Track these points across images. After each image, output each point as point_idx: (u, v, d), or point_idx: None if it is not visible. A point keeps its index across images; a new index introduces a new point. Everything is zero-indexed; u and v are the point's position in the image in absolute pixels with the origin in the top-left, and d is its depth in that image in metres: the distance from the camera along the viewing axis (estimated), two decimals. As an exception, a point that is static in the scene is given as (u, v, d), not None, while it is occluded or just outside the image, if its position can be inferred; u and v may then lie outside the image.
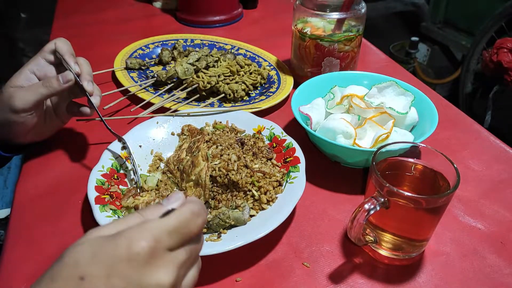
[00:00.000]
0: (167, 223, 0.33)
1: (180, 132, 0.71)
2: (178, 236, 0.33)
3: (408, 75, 0.98)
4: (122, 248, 0.30)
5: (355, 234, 0.49)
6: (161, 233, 0.32)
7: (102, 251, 0.30)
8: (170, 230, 0.32)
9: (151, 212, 0.35)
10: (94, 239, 0.31)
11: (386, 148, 0.54)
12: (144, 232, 0.31)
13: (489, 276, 0.53)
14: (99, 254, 0.30)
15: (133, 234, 0.31)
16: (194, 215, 0.34)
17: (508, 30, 1.93)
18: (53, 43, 0.64)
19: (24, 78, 0.62)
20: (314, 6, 0.82)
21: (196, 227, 0.34)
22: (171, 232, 0.32)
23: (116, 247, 0.30)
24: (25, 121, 0.61)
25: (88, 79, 0.63)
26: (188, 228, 0.34)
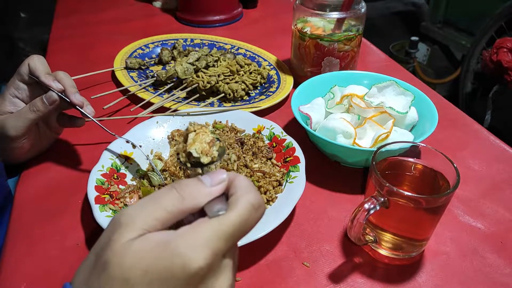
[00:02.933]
0: (226, 230, 0.29)
1: (170, 137, 0.70)
2: (236, 239, 0.30)
3: (408, 75, 0.98)
4: (177, 268, 0.27)
5: (355, 233, 0.49)
6: (219, 244, 0.29)
7: (155, 269, 0.27)
8: (227, 236, 0.29)
9: (191, 194, 0.31)
10: (140, 249, 0.28)
11: (386, 147, 0.54)
12: (200, 247, 0.28)
13: (489, 276, 0.53)
14: (152, 273, 0.27)
15: (188, 251, 0.28)
16: (254, 209, 0.31)
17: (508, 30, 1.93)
18: (27, 65, 0.61)
19: (9, 103, 0.62)
20: (314, 5, 0.82)
21: (255, 222, 0.31)
22: (228, 238, 0.29)
23: (171, 265, 0.27)
24: (22, 145, 0.62)
25: (73, 92, 0.61)
26: (247, 227, 0.31)
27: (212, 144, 0.35)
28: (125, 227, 0.29)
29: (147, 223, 0.29)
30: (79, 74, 0.82)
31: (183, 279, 0.27)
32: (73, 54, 1.02)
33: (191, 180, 0.32)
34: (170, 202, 0.30)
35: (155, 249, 0.28)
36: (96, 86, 0.88)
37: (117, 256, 0.28)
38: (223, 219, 0.30)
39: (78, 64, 0.97)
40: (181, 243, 0.28)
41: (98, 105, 0.73)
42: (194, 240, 0.28)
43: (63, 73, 0.63)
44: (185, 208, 0.30)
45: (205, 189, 0.31)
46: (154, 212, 0.30)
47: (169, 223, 0.30)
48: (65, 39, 1.09)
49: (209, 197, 0.31)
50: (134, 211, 0.30)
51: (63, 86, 0.61)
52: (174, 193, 0.31)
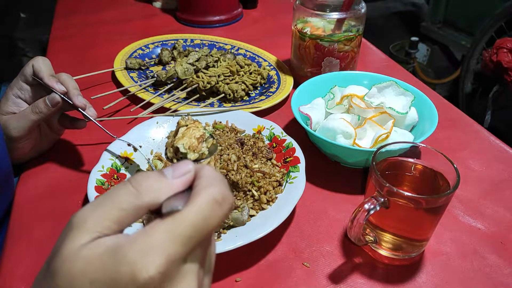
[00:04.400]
0: (181, 232, 0.25)
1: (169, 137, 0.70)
2: (196, 240, 0.26)
3: (408, 75, 0.98)
4: (124, 278, 0.24)
5: (355, 234, 0.49)
6: (174, 248, 0.25)
7: (102, 279, 0.24)
8: (185, 238, 0.25)
9: (148, 188, 0.27)
10: (89, 256, 0.25)
11: (386, 148, 0.54)
12: (150, 253, 0.24)
13: (489, 276, 0.53)
14: (98, 282, 0.25)
15: (137, 258, 0.24)
16: (217, 204, 0.27)
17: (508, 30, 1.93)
18: (31, 66, 0.61)
19: (12, 104, 0.62)
20: (314, 6, 0.82)
21: (219, 220, 0.27)
22: (186, 241, 0.25)
23: (118, 276, 0.24)
24: (24, 146, 0.63)
25: (76, 94, 0.61)
26: (209, 226, 0.26)
27: (202, 140, 0.33)
28: (76, 230, 0.26)
29: (100, 224, 0.26)
30: (79, 74, 0.82)
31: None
32: (73, 54, 1.02)
33: (150, 173, 0.28)
34: (124, 199, 0.27)
35: (103, 257, 0.25)
36: (96, 87, 0.88)
37: (65, 263, 0.25)
38: (178, 218, 0.26)
39: (78, 64, 0.97)
40: (130, 250, 0.25)
41: (98, 105, 0.73)
42: (145, 246, 0.25)
43: (66, 75, 0.63)
44: (142, 204, 0.27)
45: (165, 182, 0.28)
46: (107, 212, 0.26)
47: (126, 222, 0.27)
48: (65, 39, 1.09)
49: (170, 191, 0.27)
50: (86, 212, 0.27)
51: (66, 88, 0.61)
52: (129, 188, 0.27)
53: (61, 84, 0.61)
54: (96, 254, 0.25)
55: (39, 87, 0.62)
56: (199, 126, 0.33)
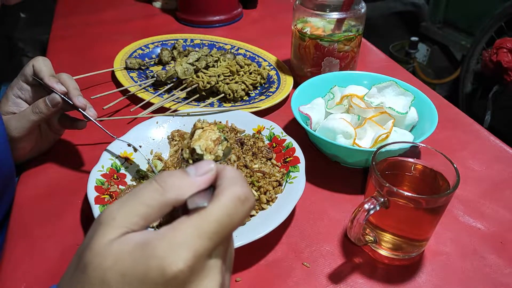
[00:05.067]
0: (207, 227, 0.26)
1: (170, 137, 0.70)
2: (221, 236, 0.27)
3: (408, 75, 0.98)
4: (154, 272, 0.25)
5: (355, 234, 0.49)
6: (201, 243, 0.26)
7: (132, 273, 0.26)
8: (211, 234, 0.27)
9: (172, 185, 0.28)
10: (120, 251, 0.26)
11: (386, 148, 0.54)
12: (179, 248, 0.26)
13: (489, 276, 0.53)
14: (129, 276, 0.26)
15: (166, 253, 0.25)
16: (240, 202, 0.28)
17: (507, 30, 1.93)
18: (31, 66, 0.61)
19: (12, 104, 0.62)
20: (314, 6, 0.82)
21: (242, 217, 0.28)
22: (212, 236, 0.27)
23: (148, 269, 0.25)
24: (24, 146, 0.63)
25: (76, 94, 0.61)
26: (232, 223, 0.27)
27: (218, 143, 0.34)
28: (106, 226, 0.27)
29: (128, 220, 0.27)
30: (79, 74, 0.82)
31: (161, 284, 0.25)
32: (73, 54, 1.02)
33: (174, 171, 0.29)
34: (150, 195, 0.28)
35: (133, 251, 0.26)
36: (96, 86, 0.88)
37: (97, 257, 0.27)
38: (204, 215, 0.27)
39: (78, 64, 0.97)
40: (159, 244, 0.26)
41: (98, 105, 0.73)
42: (173, 240, 0.26)
43: (67, 75, 0.63)
44: (166, 200, 0.28)
45: (189, 179, 0.29)
46: (134, 208, 0.28)
47: (152, 218, 0.28)
48: (65, 39, 1.09)
49: (193, 188, 0.29)
50: (114, 209, 0.28)
51: (67, 88, 0.61)
52: (154, 186, 0.28)
53: (61, 84, 0.61)
54: (126, 248, 0.26)
55: (39, 87, 0.62)
56: (215, 129, 0.34)
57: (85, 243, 0.28)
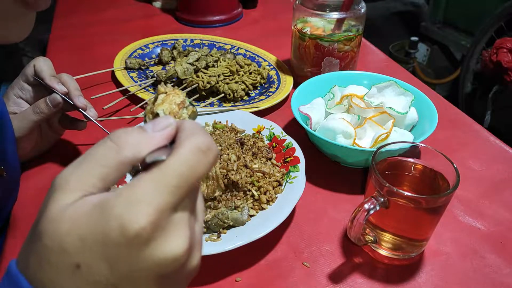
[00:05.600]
0: (168, 181, 0.25)
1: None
2: (184, 189, 0.25)
3: (408, 75, 0.98)
4: (115, 232, 0.24)
5: (355, 234, 0.49)
6: (162, 198, 0.24)
7: (91, 236, 0.24)
8: (172, 188, 0.25)
9: (128, 142, 0.26)
10: (76, 214, 0.24)
11: (386, 148, 0.54)
12: (139, 205, 0.24)
13: (488, 276, 0.53)
14: (89, 240, 0.24)
15: (125, 212, 0.24)
16: (201, 153, 0.26)
17: (507, 30, 1.92)
18: (32, 66, 0.62)
19: (13, 104, 0.62)
20: (313, 6, 0.82)
21: (206, 169, 0.26)
22: (174, 190, 0.25)
23: (107, 230, 0.24)
24: (24, 146, 0.63)
25: (77, 95, 0.61)
26: (195, 175, 0.26)
27: (183, 106, 0.32)
28: (59, 191, 0.26)
29: (84, 182, 0.25)
30: (79, 74, 0.82)
31: (124, 244, 0.24)
32: (73, 54, 1.02)
33: (130, 128, 0.27)
34: (105, 154, 0.26)
35: (91, 213, 0.24)
36: (96, 86, 0.88)
37: (52, 224, 0.25)
38: (164, 168, 0.25)
39: (78, 64, 0.97)
40: (117, 203, 0.24)
41: (98, 105, 0.73)
42: (132, 197, 0.24)
43: (68, 76, 0.63)
44: (123, 158, 0.26)
45: (146, 135, 0.27)
46: (88, 170, 0.26)
47: (110, 179, 0.26)
48: (65, 39, 1.09)
49: (151, 145, 0.27)
50: (68, 172, 0.26)
51: (67, 89, 0.61)
52: (108, 144, 0.26)
53: (62, 84, 0.61)
54: (82, 211, 0.25)
55: (40, 87, 0.63)
56: (179, 93, 0.32)
57: (40, 212, 0.26)
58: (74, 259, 0.24)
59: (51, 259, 0.24)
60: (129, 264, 0.24)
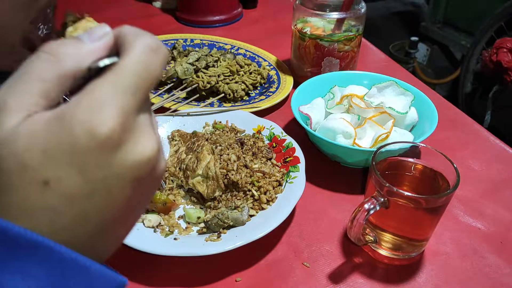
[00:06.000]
0: (127, 82, 0.23)
1: (170, 137, 0.70)
2: (142, 90, 0.24)
3: (408, 75, 0.98)
4: (83, 138, 0.22)
5: (355, 234, 0.49)
6: (126, 99, 0.23)
7: (56, 147, 0.22)
8: (133, 88, 0.24)
9: (66, 53, 0.24)
10: (30, 131, 0.22)
11: (386, 148, 0.54)
12: (102, 107, 0.22)
13: (488, 276, 0.53)
14: (53, 151, 0.22)
15: (90, 117, 0.22)
16: (153, 52, 0.25)
17: (507, 30, 1.93)
18: None
19: None
20: (313, 5, 0.82)
21: (158, 68, 0.25)
22: (133, 91, 0.24)
23: (74, 138, 0.22)
24: None
25: None
26: (150, 75, 0.25)
27: None
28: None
29: (25, 101, 0.23)
30: (79, 74, 0.82)
31: (95, 149, 0.22)
32: (73, 54, 1.02)
33: (64, 40, 0.25)
34: (43, 68, 0.24)
35: (48, 126, 0.22)
36: (96, 86, 0.88)
37: (5, 147, 0.22)
38: (120, 70, 0.24)
39: (78, 64, 0.97)
40: (78, 111, 0.22)
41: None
42: (93, 102, 0.22)
43: None
44: (64, 70, 0.24)
45: (84, 46, 0.25)
46: (27, 86, 0.23)
47: (52, 95, 0.24)
48: (65, 39, 1.09)
49: (92, 55, 0.25)
50: (2, 93, 0.23)
51: None
52: (46, 57, 0.24)
53: None
54: (38, 127, 0.22)
55: None
56: (90, 20, 0.30)
57: None
58: (41, 175, 0.22)
59: (14, 182, 0.22)
60: (103, 170, 0.23)
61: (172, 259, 0.52)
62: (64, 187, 0.22)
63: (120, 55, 0.25)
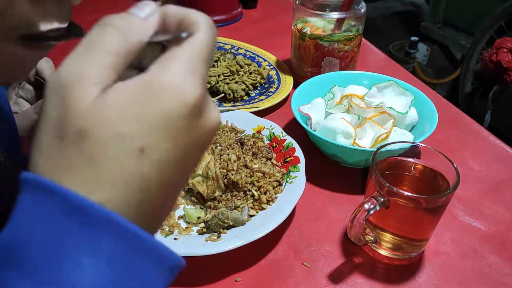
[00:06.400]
0: (202, 51, 0.25)
1: None
2: (211, 60, 0.26)
3: (408, 75, 0.98)
4: (174, 106, 0.23)
5: (355, 234, 0.49)
6: (203, 66, 0.25)
7: (149, 115, 0.22)
8: (204, 58, 0.25)
9: (130, 28, 0.25)
10: (117, 101, 0.22)
11: (386, 148, 0.54)
12: (189, 74, 0.24)
13: (489, 276, 0.53)
14: (147, 119, 0.22)
15: (178, 83, 0.23)
16: (214, 28, 0.27)
17: (507, 30, 1.93)
18: None
19: (14, 104, 0.62)
20: (313, 6, 0.82)
21: (215, 42, 0.27)
22: (205, 60, 0.25)
23: (166, 104, 0.23)
24: (25, 146, 0.62)
25: None
26: (213, 48, 0.27)
27: None
28: (77, 86, 0.23)
29: (99, 74, 0.23)
30: (79, 74, 0.82)
31: (185, 116, 0.23)
32: (73, 54, 1.02)
33: (120, 15, 0.26)
34: (113, 42, 0.24)
35: (138, 95, 0.23)
36: (96, 86, 0.88)
37: (91, 118, 0.22)
38: (196, 42, 0.25)
39: (78, 64, 0.97)
40: (165, 78, 0.23)
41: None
42: (179, 70, 0.24)
43: None
44: (130, 45, 0.25)
45: (142, 21, 0.26)
46: (100, 60, 0.23)
47: (120, 69, 0.24)
48: (65, 39, 1.09)
49: (149, 30, 0.26)
50: (77, 65, 0.23)
51: None
52: (112, 31, 0.25)
53: None
54: (126, 96, 0.22)
55: (41, 87, 0.63)
56: None
57: (54, 116, 0.23)
58: (137, 143, 0.22)
59: (109, 153, 0.22)
60: (190, 135, 0.24)
61: (172, 259, 0.52)
62: (159, 154, 0.23)
63: (188, 30, 0.26)
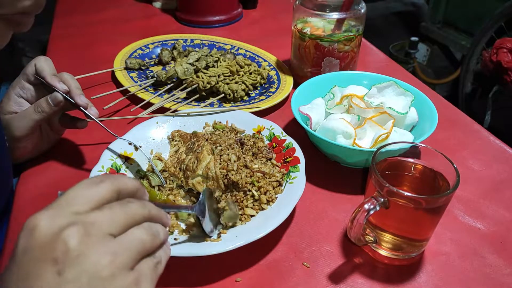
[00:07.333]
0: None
1: (170, 137, 0.70)
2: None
3: (408, 75, 0.98)
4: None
5: (355, 234, 0.49)
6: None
7: None
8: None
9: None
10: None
11: (386, 148, 0.54)
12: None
13: (488, 276, 0.53)
14: None
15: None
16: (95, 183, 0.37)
17: (507, 30, 1.93)
18: (33, 65, 0.62)
19: (14, 103, 0.62)
20: (314, 6, 0.82)
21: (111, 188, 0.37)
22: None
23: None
24: (25, 145, 0.63)
25: (78, 93, 0.61)
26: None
27: None
28: None
29: None
30: (79, 74, 0.82)
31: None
32: (73, 54, 1.02)
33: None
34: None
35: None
36: (96, 87, 0.88)
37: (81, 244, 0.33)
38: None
39: (78, 64, 0.97)
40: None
41: (98, 105, 0.73)
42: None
43: (68, 75, 0.63)
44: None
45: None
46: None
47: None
48: (65, 39, 1.09)
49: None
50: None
51: (68, 87, 0.61)
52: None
53: (63, 83, 0.61)
54: None
55: (41, 87, 0.63)
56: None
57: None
58: None
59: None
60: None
61: (172, 259, 0.52)
62: None
63: None
